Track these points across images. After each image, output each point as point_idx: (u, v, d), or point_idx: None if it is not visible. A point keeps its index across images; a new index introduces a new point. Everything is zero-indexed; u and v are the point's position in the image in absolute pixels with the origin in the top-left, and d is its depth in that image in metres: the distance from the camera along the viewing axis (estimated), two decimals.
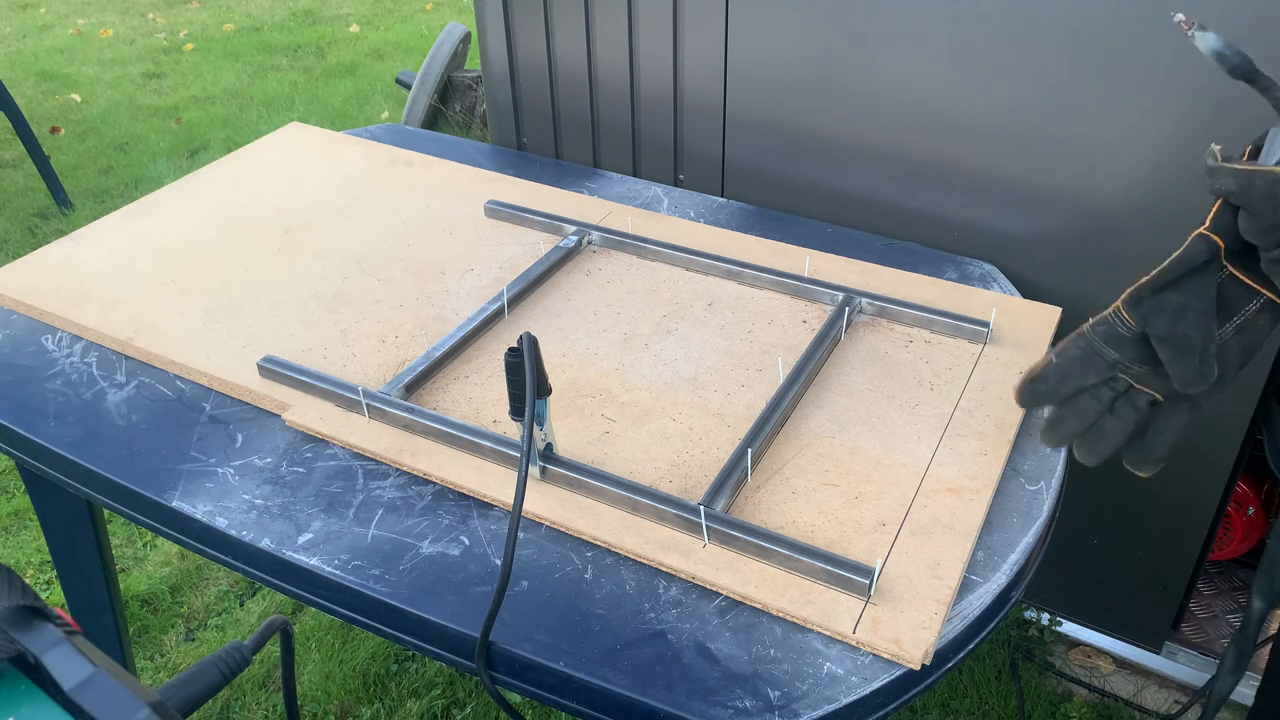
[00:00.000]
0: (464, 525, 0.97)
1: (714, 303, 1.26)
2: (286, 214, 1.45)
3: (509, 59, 1.64)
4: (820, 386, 1.12)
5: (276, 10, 4.95)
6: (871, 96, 1.36)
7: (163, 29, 4.77)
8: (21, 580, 0.59)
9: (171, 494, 1.01)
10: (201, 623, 1.90)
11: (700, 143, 1.53)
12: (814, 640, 0.85)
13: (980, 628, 0.88)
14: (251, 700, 1.73)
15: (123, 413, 1.11)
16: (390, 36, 4.60)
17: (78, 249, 1.37)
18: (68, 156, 3.59)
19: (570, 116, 1.64)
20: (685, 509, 0.93)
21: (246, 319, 1.23)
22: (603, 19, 1.51)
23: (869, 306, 1.22)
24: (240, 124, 3.81)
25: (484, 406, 1.10)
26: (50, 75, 4.26)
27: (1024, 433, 1.06)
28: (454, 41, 3.46)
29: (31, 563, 2.03)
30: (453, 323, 1.22)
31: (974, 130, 1.31)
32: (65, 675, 0.54)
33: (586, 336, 1.21)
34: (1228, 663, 1.18)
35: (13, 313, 1.28)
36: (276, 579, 0.97)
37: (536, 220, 1.41)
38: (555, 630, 0.87)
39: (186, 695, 0.63)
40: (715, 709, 0.80)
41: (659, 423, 1.08)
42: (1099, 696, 1.66)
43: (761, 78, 1.43)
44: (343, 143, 1.65)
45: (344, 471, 1.04)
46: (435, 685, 1.74)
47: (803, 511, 0.96)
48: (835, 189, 1.45)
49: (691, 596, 0.89)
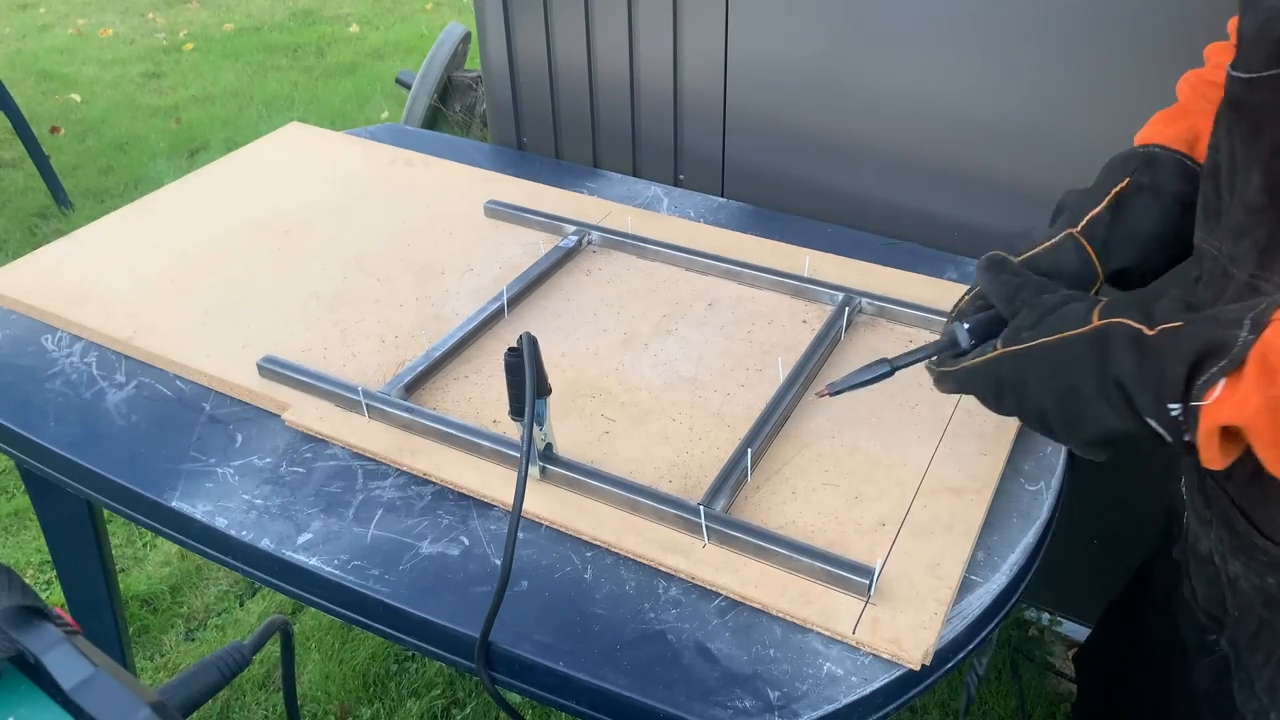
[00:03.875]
0: (464, 525, 0.97)
1: (714, 303, 1.26)
2: (286, 214, 1.45)
3: (509, 59, 1.64)
4: (820, 386, 1.12)
5: (276, 10, 4.95)
6: (872, 96, 1.36)
7: (163, 29, 4.77)
8: (21, 580, 0.59)
9: (171, 494, 1.01)
10: (201, 623, 1.90)
11: (700, 143, 1.53)
12: (814, 640, 0.85)
13: (980, 628, 0.88)
14: (251, 700, 1.73)
15: (122, 413, 1.11)
16: (390, 36, 4.60)
17: (77, 249, 1.37)
18: (68, 156, 3.59)
19: (570, 116, 1.64)
20: (685, 509, 0.93)
21: (246, 319, 1.23)
22: (603, 19, 1.51)
23: (869, 306, 1.22)
24: (240, 124, 3.81)
25: (484, 406, 1.10)
26: (50, 75, 4.26)
27: (1024, 433, 1.06)
28: (454, 41, 3.45)
29: (31, 563, 2.03)
30: (452, 323, 1.22)
31: (974, 130, 1.31)
32: (65, 675, 0.54)
33: (586, 336, 1.21)
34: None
35: (12, 313, 1.28)
36: (276, 579, 0.97)
37: (536, 220, 1.41)
38: (555, 630, 0.87)
39: (186, 695, 0.63)
40: (715, 709, 0.80)
41: (659, 423, 1.08)
42: None
43: (761, 78, 1.43)
44: (343, 143, 1.65)
45: (344, 471, 1.04)
46: (435, 685, 1.74)
47: (802, 511, 0.96)
48: (835, 189, 1.45)
49: (691, 596, 0.89)
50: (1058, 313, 0.77)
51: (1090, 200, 0.90)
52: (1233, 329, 0.65)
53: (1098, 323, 0.74)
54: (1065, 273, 0.87)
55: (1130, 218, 0.88)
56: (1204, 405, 0.66)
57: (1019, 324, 0.80)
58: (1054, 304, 0.79)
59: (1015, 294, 0.82)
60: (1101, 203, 0.89)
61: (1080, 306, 0.76)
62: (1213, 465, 0.69)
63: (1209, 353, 0.66)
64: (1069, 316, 0.76)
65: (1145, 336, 0.70)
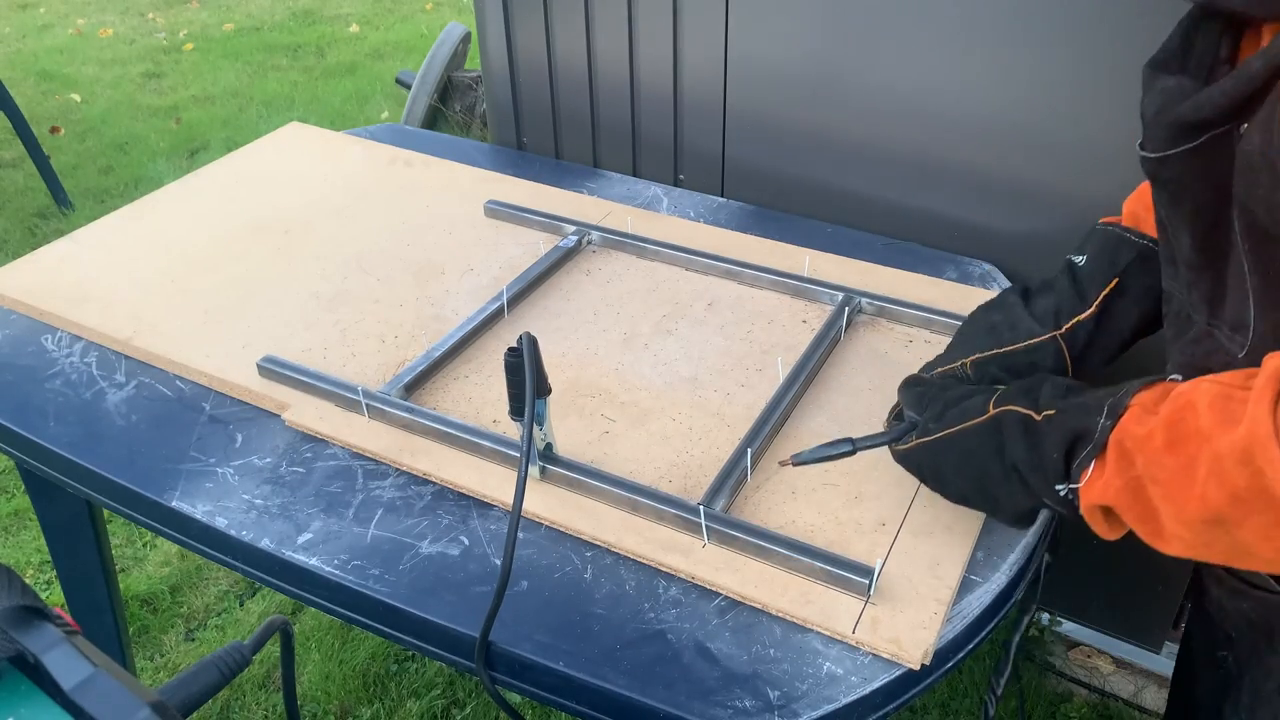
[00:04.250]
0: (463, 525, 0.97)
1: (714, 303, 1.26)
2: (286, 214, 1.45)
3: (509, 59, 1.64)
4: (820, 386, 1.12)
5: (276, 10, 4.95)
6: (872, 96, 1.35)
7: (163, 29, 4.77)
8: (21, 580, 0.59)
9: (171, 494, 1.01)
10: (201, 623, 1.90)
11: (700, 142, 1.53)
12: (814, 640, 0.85)
13: (980, 628, 0.88)
14: (251, 700, 1.73)
15: (122, 413, 1.11)
16: (390, 36, 4.60)
17: (77, 249, 1.37)
18: (67, 156, 3.59)
19: (570, 116, 1.64)
20: (685, 509, 0.93)
21: (246, 319, 1.23)
22: (603, 19, 1.51)
23: (869, 306, 1.22)
24: (240, 124, 3.81)
25: (484, 406, 1.10)
26: (50, 75, 4.26)
27: None
28: (454, 41, 3.45)
29: (31, 563, 2.03)
30: (452, 322, 1.22)
31: (974, 130, 1.31)
32: (65, 675, 0.54)
33: (586, 336, 1.21)
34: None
35: (12, 312, 1.28)
36: (276, 579, 0.97)
37: (536, 220, 1.41)
38: (555, 630, 0.87)
39: (186, 695, 0.63)
40: (715, 709, 0.80)
41: (659, 423, 1.08)
42: (1099, 696, 1.66)
43: (761, 77, 1.43)
44: (343, 143, 1.65)
45: (343, 471, 1.04)
46: (435, 685, 1.74)
47: (802, 511, 0.96)
48: (835, 189, 1.45)
49: (691, 596, 0.89)
50: (959, 405, 0.86)
51: (1078, 302, 0.93)
52: (1095, 415, 0.73)
53: (993, 411, 0.82)
54: (1040, 371, 0.92)
55: (1113, 323, 0.93)
56: (1080, 487, 0.74)
57: (927, 417, 0.89)
58: (956, 398, 0.87)
59: (922, 397, 0.91)
60: (1090, 308, 0.92)
61: (979, 399, 0.84)
62: (1106, 537, 0.75)
63: (1078, 438, 0.74)
64: (969, 408, 0.84)
65: (1034, 421, 0.78)
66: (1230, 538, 0.64)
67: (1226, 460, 0.62)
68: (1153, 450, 0.68)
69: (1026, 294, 0.96)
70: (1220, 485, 0.63)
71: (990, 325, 0.96)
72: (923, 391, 0.92)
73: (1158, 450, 0.67)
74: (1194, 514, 0.65)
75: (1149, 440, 0.68)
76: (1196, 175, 0.71)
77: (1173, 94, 0.72)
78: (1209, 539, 0.66)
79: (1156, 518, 0.69)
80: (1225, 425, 0.63)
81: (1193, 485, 0.65)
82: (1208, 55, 0.73)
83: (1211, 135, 0.69)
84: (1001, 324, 0.95)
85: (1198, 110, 0.69)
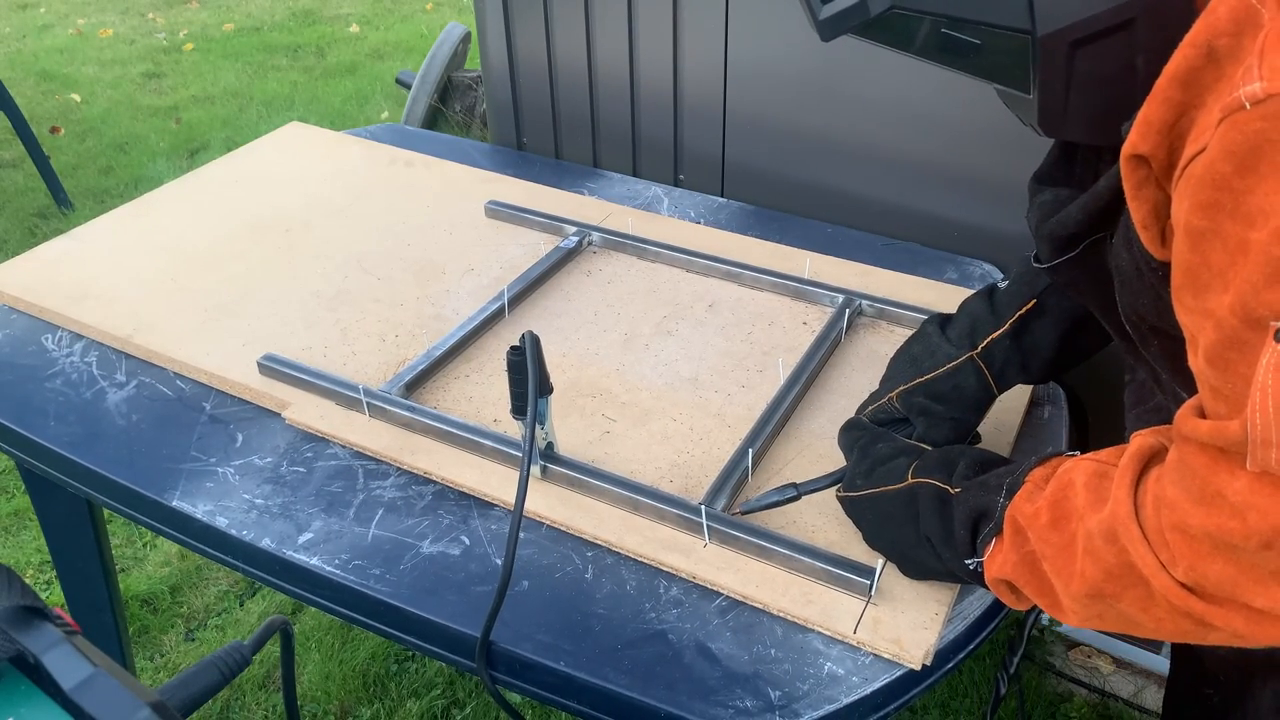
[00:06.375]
0: (464, 525, 0.97)
1: (714, 304, 1.26)
2: (286, 214, 1.45)
3: (509, 59, 1.64)
4: (821, 388, 1.12)
5: (276, 10, 4.95)
6: (871, 97, 1.35)
7: (163, 29, 4.77)
8: (21, 580, 0.59)
9: (171, 493, 1.01)
10: (201, 623, 1.89)
11: (700, 143, 1.53)
12: (815, 640, 0.85)
13: (980, 628, 0.88)
14: (251, 700, 1.73)
15: (123, 412, 1.11)
16: (390, 36, 4.60)
17: (77, 247, 1.37)
18: (68, 156, 3.59)
19: (570, 116, 1.64)
20: (686, 509, 0.93)
21: (246, 317, 1.23)
22: (603, 19, 1.51)
23: (869, 308, 1.22)
24: (240, 124, 3.80)
25: (484, 406, 1.10)
26: (50, 75, 4.26)
27: (1024, 434, 1.06)
28: (454, 41, 3.45)
29: (31, 563, 2.03)
30: (453, 322, 1.22)
31: (974, 131, 1.30)
32: (65, 675, 0.54)
33: (587, 337, 1.21)
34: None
35: (13, 312, 1.28)
36: (276, 579, 0.97)
37: (537, 220, 1.41)
38: (556, 630, 0.86)
39: (186, 695, 0.63)
40: (716, 709, 0.80)
41: (660, 423, 1.08)
42: (1099, 696, 1.66)
43: (761, 78, 1.43)
44: (343, 143, 1.65)
45: (344, 471, 1.03)
46: (435, 685, 1.74)
47: (803, 512, 0.96)
48: (835, 189, 1.45)
49: (692, 596, 0.89)
50: (886, 466, 0.88)
51: (993, 322, 0.94)
52: (995, 494, 0.76)
53: (910, 481, 0.84)
54: (965, 395, 0.94)
55: (1029, 341, 0.93)
56: (985, 561, 0.76)
57: (854, 471, 0.91)
58: (884, 456, 0.89)
59: (854, 444, 0.93)
60: (1003, 326, 0.93)
61: (902, 462, 0.87)
62: (1015, 608, 0.79)
63: (982, 515, 0.77)
64: (892, 471, 0.87)
65: (949, 495, 0.80)
66: (1115, 610, 0.67)
67: (1096, 539, 0.65)
68: (1040, 528, 0.71)
69: (945, 322, 0.98)
70: (1095, 562, 0.66)
71: (912, 357, 0.97)
72: (855, 438, 0.94)
73: (1044, 527, 0.70)
74: (1078, 589, 0.68)
75: (1037, 518, 0.71)
76: (1085, 279, 0.76)
77: (1048, 208, 0.78)
78: (1097, 611, 0.68)
79: (1051, 591, 0.71)
80: (1096, 504, 0.67)
81: (1074, 561, 0.68)
82: (1090, 166, 0.79)
83: (1087, 244, 0.74)
84: (921, 354, 0.96)
85: (1064, 226, 0.74)
